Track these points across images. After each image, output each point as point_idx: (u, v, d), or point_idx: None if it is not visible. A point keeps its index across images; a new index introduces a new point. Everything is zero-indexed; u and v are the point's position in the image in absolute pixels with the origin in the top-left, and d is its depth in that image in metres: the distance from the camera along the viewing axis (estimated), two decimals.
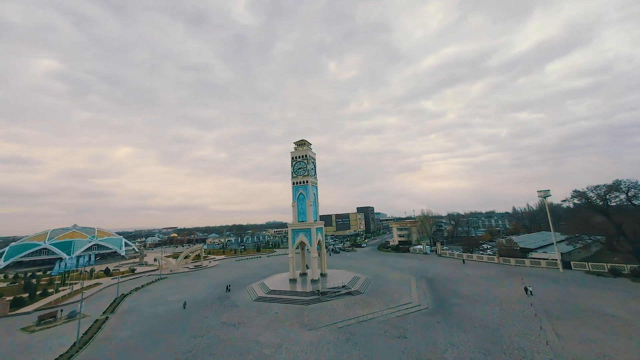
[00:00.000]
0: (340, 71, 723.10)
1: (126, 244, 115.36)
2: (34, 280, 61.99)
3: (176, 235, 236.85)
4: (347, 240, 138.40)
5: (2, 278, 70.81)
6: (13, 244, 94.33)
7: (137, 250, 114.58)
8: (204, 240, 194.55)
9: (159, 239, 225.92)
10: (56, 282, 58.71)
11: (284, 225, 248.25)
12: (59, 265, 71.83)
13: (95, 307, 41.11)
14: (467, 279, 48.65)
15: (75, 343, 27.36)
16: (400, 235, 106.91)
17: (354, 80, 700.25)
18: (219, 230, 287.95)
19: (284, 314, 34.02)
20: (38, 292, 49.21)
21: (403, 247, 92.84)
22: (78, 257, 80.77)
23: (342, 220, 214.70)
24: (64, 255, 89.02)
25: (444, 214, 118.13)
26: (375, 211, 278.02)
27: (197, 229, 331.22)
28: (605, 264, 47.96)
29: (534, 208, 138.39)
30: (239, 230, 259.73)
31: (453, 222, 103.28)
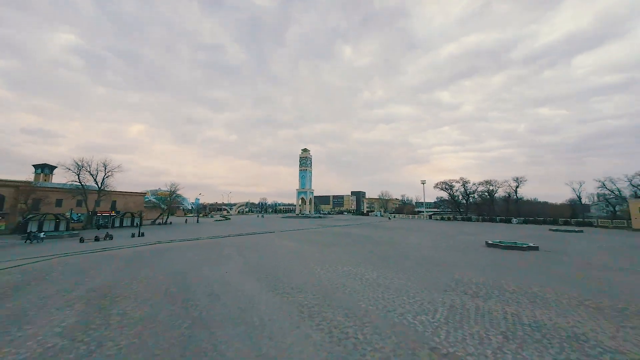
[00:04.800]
0: (355, 58, 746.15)
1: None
2: None
3: (207, 204, 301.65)
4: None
5: None
6: None
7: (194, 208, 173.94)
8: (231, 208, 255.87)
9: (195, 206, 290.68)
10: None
11: (292, 204, 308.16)
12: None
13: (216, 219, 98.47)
14: (378, 222, 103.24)
15: (225, 218, 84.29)
16: (367, 207, 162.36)
17: (369, 68, 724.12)
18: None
19: (293, 220, 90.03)
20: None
21: (366, 213, 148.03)
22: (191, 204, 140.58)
23: (337, 200, 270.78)
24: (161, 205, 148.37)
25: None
26: (368, 196, 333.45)
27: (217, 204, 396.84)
28: (445, 216, 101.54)
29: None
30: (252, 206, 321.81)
31: (403, 202, 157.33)
